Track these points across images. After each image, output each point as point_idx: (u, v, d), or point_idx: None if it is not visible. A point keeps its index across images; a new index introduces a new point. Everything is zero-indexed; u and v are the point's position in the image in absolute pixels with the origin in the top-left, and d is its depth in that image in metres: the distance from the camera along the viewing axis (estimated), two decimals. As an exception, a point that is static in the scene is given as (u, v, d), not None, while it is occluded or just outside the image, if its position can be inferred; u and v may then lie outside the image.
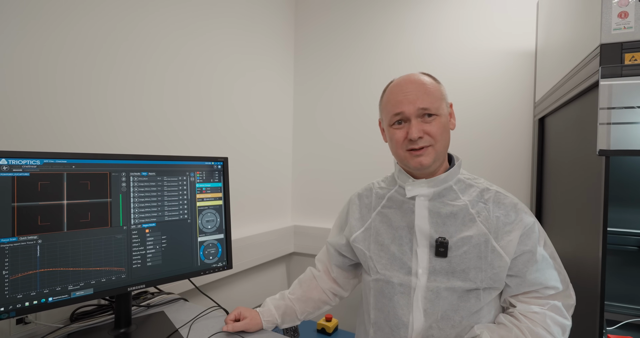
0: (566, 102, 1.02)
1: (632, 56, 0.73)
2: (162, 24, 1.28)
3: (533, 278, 0.79)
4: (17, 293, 0.73)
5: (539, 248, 0.79)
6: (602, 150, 0.75)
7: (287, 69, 2.02)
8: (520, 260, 0.79)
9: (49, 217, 0.78)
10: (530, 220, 0.80)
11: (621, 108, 0.74)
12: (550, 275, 0.79)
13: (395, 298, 0.84)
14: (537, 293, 0.80)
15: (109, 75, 1.12)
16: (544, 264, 0.79)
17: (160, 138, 1.29)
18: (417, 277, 0.82)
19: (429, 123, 0.80)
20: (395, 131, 0.84)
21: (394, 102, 0.83)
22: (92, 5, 1.07)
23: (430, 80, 0.84)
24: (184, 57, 1.37)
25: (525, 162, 1.50)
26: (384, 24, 1.80)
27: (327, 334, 1.58)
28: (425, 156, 0.80)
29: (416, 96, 0.80)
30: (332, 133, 1.95)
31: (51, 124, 0.99)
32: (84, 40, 1.06)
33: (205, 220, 1.04)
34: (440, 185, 0.84)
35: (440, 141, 0.81)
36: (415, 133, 0.78)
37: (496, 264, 0.78)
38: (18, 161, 0.75)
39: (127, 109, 1.18)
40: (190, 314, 1.03)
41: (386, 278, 0.86)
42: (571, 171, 1.01)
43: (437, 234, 0.82)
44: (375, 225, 0.92)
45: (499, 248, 0.78)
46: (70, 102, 1.03)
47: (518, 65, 1.51)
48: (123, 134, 1.17)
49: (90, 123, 1.08)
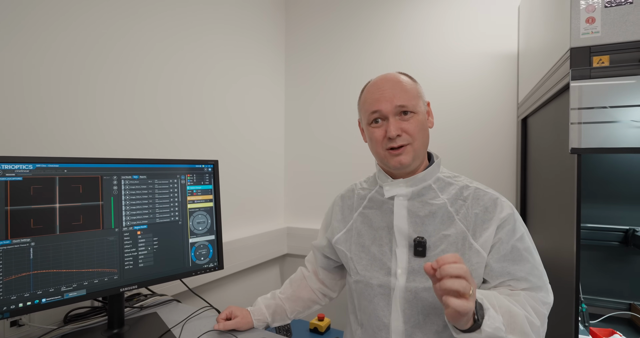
0: (544, 103, 1.06)
1: (600, 58, 0.77)
2: (154, 28, 1.31)
3: (500, 268, 0.77)
4: (11, 295, 0.75)
5: (511, 240, 0.77)
6: (573, 148, 0.78)
7: (278, 72, 2.05)
8: (492, 250, 0.78)
9: (41, 220, 0.80)
10: (507, 212, 0.79)
11: (591, 108, 0.77)
12: (522, 267, 0.76)
13: (375, 300, 0.84)
14: (509, 286, 0.77)
15: (102, 79, 1.15)
16: (515, 255, 0.76)
17: (152, 141, 1.31)
18: (396, 278, 0.82)
19: (406, 121, 0.81)
20: (374, 130, 0.84)
21: (371, 101, 0.84)
22: (84, 9, 1.10)
23: (406, 79, 0.85)
24: (175, 62, 1.40)
25: (510, 161, 1.54)
26: (373, 28, 1.84)
27: (319, 333, 1.60)
28: (405, 155, 0.81)
29: (393, 94, 0.81)
30: (324, 134, 1.98)
31: (44, 128, 1.01)
32: (75, 45, 1.08)
33: (196, 222, 1.06)
34: (419, 184, 0.85)
35: (418, 139, 0.81)
36: (394, 131, 0.79)
37: (474, 260, 0.77)
38: (11, 165, 0.77)
39: (120, 114, 1.20)
40: (182, 315, 1.05)
41: (366, 279, 0.86)
42: (550, 169, 1.04)
43: (415, 234, 0.82)
44: (356, 225, 0.93)
45: (477, 245, 0.77)
46: (64, 107, 1.05)
47: (502, 67, 1.56)
48: (116, 138, 1.19)
49: (85, 127, 1.10)
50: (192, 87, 1.48)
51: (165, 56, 1.36)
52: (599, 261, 1.33)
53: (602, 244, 1.31)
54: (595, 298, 1.33)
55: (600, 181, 1.32)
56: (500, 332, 0.64)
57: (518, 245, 0.77)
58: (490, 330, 0.63)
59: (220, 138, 1.62)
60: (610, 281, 1.31)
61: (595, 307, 1.31)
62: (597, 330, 1.08)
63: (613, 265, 1.31)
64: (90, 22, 1.12)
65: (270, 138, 1.98)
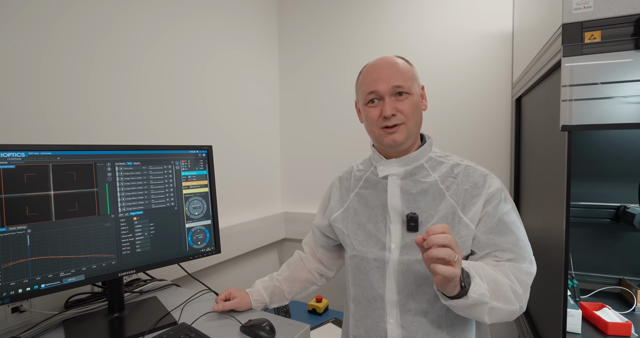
0: (537, 82, 1.05)
1: (592, 34, 0.76)
2: (150, 18, 1.29)
3: (486, 239, 0.81)
4: (10, 281, 0.76)
5: (498, 212, 0.81)
6: (564, 126, 0.78)
7: (272, 59, 2.03)
8: (479, 223, 0.82)
9: (36, 207, 0.80)
10: (496, 186, 0.82)
11: (582, 85, 0.77)
12: (507, 239, 0.80)
13: (371, 273, 0.88)
14: (494, 257, 0.81)
15: (98, 69, 1.13)
16: (501, 227, 0.80)
17: (151, 126, 1.32)
18: (391, 252, 0.86)
19: (401, 101, 0.84)
20: (370, 110, 0.87)
21: (368, 82, 0.87)
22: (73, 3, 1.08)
23: (403, 61, 0.88)
24: (172, 50, 1.39)
25: (505, 142, 1.55)
26: (368, 11, 1.81)
27: (317, 314, 1.63)
28: (398, 133, 0.84)
29: (390, 75, 0.84)
30: (320, 119, 1.98)
31: (38, 116, 1.00)
32: (75, 35, 1.07)
33: (192, 207, 1.07)
34: (411, 164, 0.88)
35: (412, 119, 0.84)
36: (389, 110, 0.82)
37: (463, 233, 0.81)
38: (3, 153, 0.77)
39: (117, 101, 1.19)
40: (182, 298, 1.07)
41: (362, 254, 0.90)
42: (542, 147, 1.05)
43: (408, 210, 0.86)
44: (353, 205, 0.97)
45: (466, 218, 0.81)
46: (58, 95, 1.04)
47: (497, 46, 1.54)
48: (112, 126, 1.18)
49: (77, 114, 1.09)
50: (188, 75, 1.46)
51: (161, 45, 1.34)
52: (591, 238, 1.35)
53: (594, 221, 1.33)
54: (587, 274, 1.36)
55: (593, 160, 1.33)
56: (485, 298, 0.69)
57: (505, 218, 0.81)
58: (476, 295, 0.68)
59: (217, 123, 1.62)
60: (602, 257, 1.34)
61: (587, 283, 1.34)
62: (587, 304, 1.11)
63: (605, 241, 1.33)
64: (89, 15, 1.11)
65: (266, 122, 1.97)
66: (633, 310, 1.14)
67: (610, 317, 1.04)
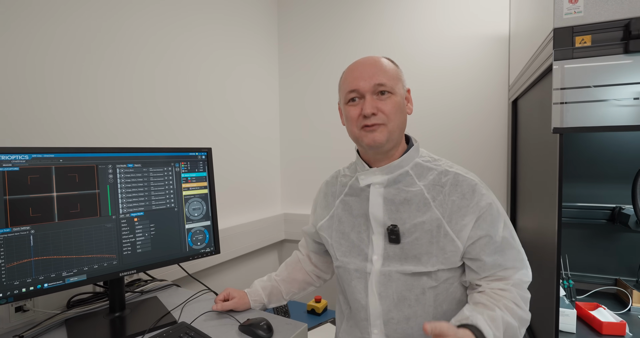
0: (531, 85, 1.07)
1: (582, 38, 0.78)
2: (148, 18, 1.31)
3: (492, 261, 0.78)
4: (14, 280, 0.78)
5: (498, 231, 0.78)
6: (555, 128, 0.80)
7: (271, 60, 2.05)
8: (478, 244, 0.78)
9: (40, 208, 0.82)
10: (487, 202, 0.79)
11: (573, 88, 0.79)
12: (509, 255, 0.78)
13: (353, 284, 0.88)
14: (498, 275, 0.79)
15: (97, 70, 1.15)
16: (504, 245, 0.78)
17: (149, 130, 1.33)
18: (372, 263, 0.84)
19: (383, 101, 0.80)
20: (350, 109, 0.83)
21: (350, 80, 0.83)
22: (80, 2, 1.10)
23: (387, 61, 0.85)
24: (170, 51, 1.40)
25: (502, 143, 1.56)
26: (365, 12, 1.83)
27: (316, 314, 1.65)
28: (379, 133, 0.79)
29: (372, 73, 0.80)
30: (319, 121, 1.99)
31: (40, 119, 1.02)
32: (70, 36, 1.08)
33: (192, 208, 1.08)
34: (395, 171, 0.84)
35: (393, 120, 0.80)
36: (369, 109, 0.78)
37: (448, 248, 0.78)
38: (7, 156, 0.79)
39: (115, 103, 1.21)
40: (182, 298, 1.09)
41: (344, 264, 0.90)
42: (537, 149, 1.06)
43: (390, 221, 0.83)
44: (338, 212, 0.95)
45: (452, 232, 0.78)
46: (59, 98, 1.06)
47: (494, 49, 1.56)
48: (111, 128, 1.20)
49: (80, 117, 1.11)
50: (187, 76, 1.48)
51: (159, 46, 1.36)
52: (586, 239, 1.36)
53: (589, 222, 1.35)
54: (583, 275, 1.37)
55: (588, 161, 1.35)
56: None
57: (505, 234, 0.79)
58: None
59: (217, 125, 1.63)
60: (598, 258, 1.35)
61: (583, 283, 1.35)
62: (583, 304, 1.13)
63: (600, 242, 1.35)
64: (88, 16, 1.12)
65: (265, 124, 1.99)
66: (628, 310, 1.15)
67: (605, 316, 1.06)
